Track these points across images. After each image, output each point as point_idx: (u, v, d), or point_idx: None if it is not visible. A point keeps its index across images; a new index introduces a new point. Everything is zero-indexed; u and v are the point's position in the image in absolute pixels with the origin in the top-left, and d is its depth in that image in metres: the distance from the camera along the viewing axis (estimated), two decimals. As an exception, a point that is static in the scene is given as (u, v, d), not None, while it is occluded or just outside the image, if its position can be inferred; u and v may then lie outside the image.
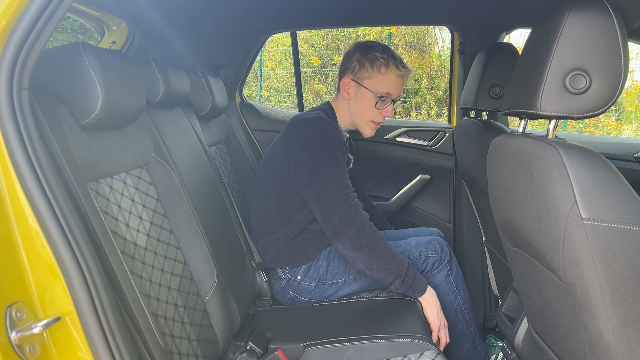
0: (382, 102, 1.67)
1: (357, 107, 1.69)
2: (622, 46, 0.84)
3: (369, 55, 1.65)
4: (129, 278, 0.97)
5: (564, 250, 0.84)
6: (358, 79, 1.67)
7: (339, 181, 1.50)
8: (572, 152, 0.83)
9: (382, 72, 1.64)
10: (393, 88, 1.67)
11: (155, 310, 1.05)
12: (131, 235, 1.07)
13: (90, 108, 0.97)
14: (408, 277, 1.47)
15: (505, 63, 1.63)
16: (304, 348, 1.34)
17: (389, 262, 1.45)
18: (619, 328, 0.82)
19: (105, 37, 1.78)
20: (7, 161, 0.76)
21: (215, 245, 1.34)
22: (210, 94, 1.87)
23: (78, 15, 1.66)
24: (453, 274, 1.70)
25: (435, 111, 6.80)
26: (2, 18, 0.76)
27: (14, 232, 0.76)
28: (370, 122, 1.71)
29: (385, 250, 1.45)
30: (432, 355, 1.25)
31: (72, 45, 0.97)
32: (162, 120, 1.43)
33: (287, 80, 7.40)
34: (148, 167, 1.23)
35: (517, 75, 1.04)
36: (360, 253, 1.44)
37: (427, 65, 6.99)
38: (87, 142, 1.00)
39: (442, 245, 1.71)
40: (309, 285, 1.64)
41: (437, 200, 2.38)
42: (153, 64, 1.41)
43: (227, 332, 1.30)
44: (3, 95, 0.77)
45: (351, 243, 1.44)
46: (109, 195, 1.05)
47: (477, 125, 1.70)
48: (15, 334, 0.70)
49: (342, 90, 1.71)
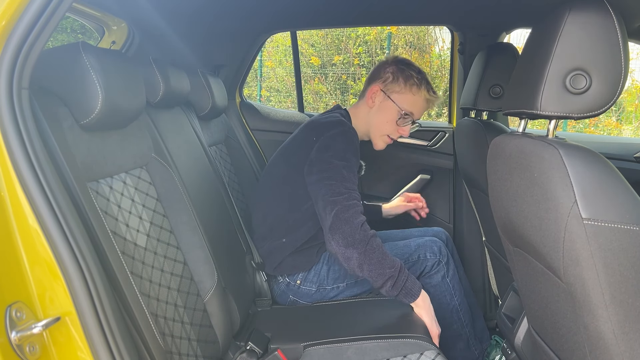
0: (404, 120, 1.68)
1: (377, 118, 1.69)
2: (622, 46, 0.84)
3: (405, 72, 1.66)
4: (129, 278, 0.97)
5: (564, 250, 0.84)
6: (387, 91, 1.67)
7: (346, 180, 1.49)
8: (573, 152, 0.83)
9: (413, 91, 1.66)
10: (417, 109, 1.68)
11: (155, 310, 1.04)
12: (131, 235, 1.07)
13: (90, 108, 0.96)
14: (400, 279, 1.42)
15: (505, 63, 1.63)
16: (304, 348, 1.34)
17: (381, 262, 1.40)
18: (619, 328, 0.82)
19: (105, 37, 1.78)
20: (7, 161, 0.76)
21: (215, 245, 1.34)
22: (210, 94, 1.86)
23: (78, 15, 1.66)
24: (449, 276, 1.70)
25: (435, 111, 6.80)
26: (2, 18, 0.75)
27: (14, 232, 0.76)
28: (386, 137, 1.72)
29: (377, 250, 1.42)
30: (432, 355, 1.25)
31: (72, 45, 0.97)
32: (162, 120, 1.43)
33: (287, 80, 7.40)
34: (148, 167, 1.22)
35: (517, 75, 1.04)
36: (352, 250, 1.41)
37: (427, 65, 6.99)
38: (87, 142, 1.00)
39: (440, 247, 1.70)
40: (309, 290, 1.63)
41: (437, 200, 2.38)
42: (153, 64, 1.41)
43: (227, 332, 1.30)
44: (3, 95, 0.77)
45: (344, 239, 1.41)
46: (109, 195, 1.04)
47: (477, 125, 1.70)
48: (15, 334, 0.70)
49: (368, 96, 1.70)
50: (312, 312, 1.59)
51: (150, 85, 1.38)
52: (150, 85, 1.38)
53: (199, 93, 1.84)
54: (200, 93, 1.84)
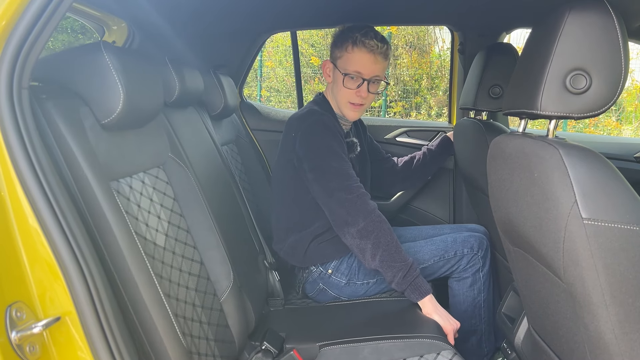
0: (352, 81, 1.61)
1: (335, 89, 1.67)
2: (622, 46, 0.84)
3: (342, 37, 1.63)
4: (152, 277, 0.97)
5: (564, 250, 0.84)
6: (333, 60, 1.67)
7: (339, 173, 1.49)
8: (573, 152, 0.83)
9: (348, 50, 1.61)
10: (363, 66, 1.59)
11: (175, 309, 1.04)
12: (151, 235, 1.07)
13: (111, 107, 0.96)
14: (410, 274, 1.43)
15: (505, 63, 1.63)
16: (320, 348, 1.33)
17: (393, 253, 1.43)
18: (619, 328, 0.82)
19: (105, 37, 1.78)
20: (7, 161, 0.76)
21: (230, 244, 1.34)
22: (223, 93, 1.87)
23: (78, 15, 1.66)
24: (484, 270, 1.68)
25: (435, 111, 6.80)
26: (2, 18, 0.75)
27: (14, 232, 0.76)
28: (348, 104, 1.66)
29: (391, 241, 1.44)
30: (449, 356, 1.25)
31: (93, 44, 0.97)
32: (177, 120, 1.43)
33: (287, 80, 7.40)
34: (165, 166, 1.22)
35: (517, 75, 1.04)
36: (366, 241, 1.43)
37: (427, 65, 7.00)
38: (108, 142, 1.00)
39: (480, 240, 1.68)
40: (339, 281, 1.62)
41: (437, 200, 2.38)
42: (169, 64, 1.40)
43: (242, 332, 1.29)
44: (3, 95, 0.77)
45: (359, 232, 1.44)
46: (129, 195, 1.04)
47: (477, 126, 1.70)
48: (15, 333, 0.70)
49: (325, 75, 1.71)
50: (325, 312, 1.58)
51: (166, 84, 1.38)
52: (166, 84, 1.38)
53: (212, 92, 1.85)
54: (212, 92, 1.85)
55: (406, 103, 6.95)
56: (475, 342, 1.73)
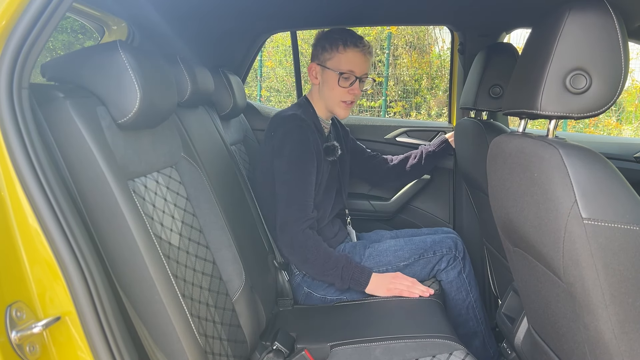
0: (346, 80, 1.69)
1: (325, 90, 1.72)
2: (622, 46, 0.84)
3: (328, 39, 1.69)
4: (169, 277, 0.97)
5: (564, 250, 0.84)
6: (322, 62, 1.71)
7: (299, 202, 1.56)
8: (573, 152, 0.83)
9: (340, 50, 1.67)
10: (354, 64, 1.68)
11: (190, 309, 1.04)
12: (166, 235, 1.07)
13: (128, 107, 0.96)
14: (345, 273, 1.53)
15: (505, 63, 1.63)
16: (331, 348, 1.33)
17: (323, 265, 1.53)
18: (619, 328, 0.82)
19: (106, 37, 1.78)
20: (7, 161, 0.76)
21: (241, 244, 1.34)
22: (232, 93, 1.87)
23: (78, 15, 1.66)
24: (466, 272, 1.71)
25: (435, 111, 6.80)
26: (2, 18, 0.75)
27: (14, 231, 0.76)
28: (341, 102, 1.72)
29: (317, 256, 1.53)
30: (462, 356, 1.24)
31: (110, 43, 0.97)
32: (189, 120, 1.43)
33: (287, 80, 7.40)
34: (178, 166, 1.23)
35: (517, 75, 1.04)
36: (295, 258, 1.58)
37: (427, 65, 7.00)
38: (124, 141, 1.00)
39: (456, 242, 1.72)
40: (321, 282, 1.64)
41: (437, 200, 2.38)
42: (180, 63, 1.40)
43: (254, 332, 1.30)
44: (3, 95, 0.77)
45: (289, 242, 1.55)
46: (145, 194, 1.05)
47: (477, 125, 1.70)
48: (15, 333, 0.70)
49: (311, 77, 1.75)
50: (336, 312, 1.58)
51: (178, 84, 1.38)
52: (178, 84, 1.38)
53: (221, 92, 1.85)
54: (222, 92, 1.85)
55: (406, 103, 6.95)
56: (479, 344, 1.73)
